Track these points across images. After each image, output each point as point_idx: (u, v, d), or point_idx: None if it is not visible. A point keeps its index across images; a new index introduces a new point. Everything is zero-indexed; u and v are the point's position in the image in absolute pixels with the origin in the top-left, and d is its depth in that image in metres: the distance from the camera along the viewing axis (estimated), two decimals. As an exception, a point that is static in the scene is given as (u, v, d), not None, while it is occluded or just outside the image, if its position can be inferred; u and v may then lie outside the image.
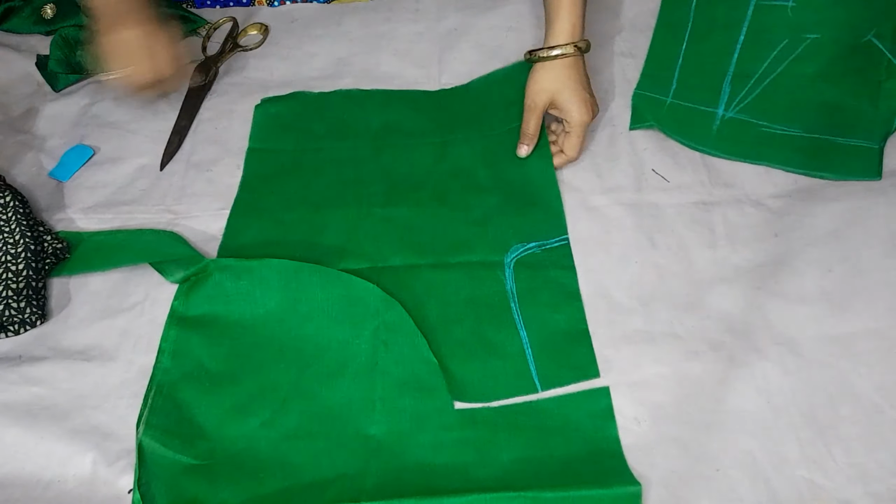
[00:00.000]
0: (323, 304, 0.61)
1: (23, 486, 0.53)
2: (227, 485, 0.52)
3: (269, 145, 0.74)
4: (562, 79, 0.68)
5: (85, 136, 0.76)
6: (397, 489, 0.51)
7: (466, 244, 0.65)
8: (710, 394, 0.55)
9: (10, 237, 0.62)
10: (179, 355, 0.59)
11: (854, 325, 0.58)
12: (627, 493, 0.50)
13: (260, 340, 0.60)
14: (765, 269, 0.62)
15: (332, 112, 0.77)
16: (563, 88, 0.68)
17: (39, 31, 0.84)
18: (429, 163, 0.71)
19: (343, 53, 0.83)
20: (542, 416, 0.55)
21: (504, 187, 0.69)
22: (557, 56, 0.68)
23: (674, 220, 0.66)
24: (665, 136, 0.72)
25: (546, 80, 0.68)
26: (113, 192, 0.71)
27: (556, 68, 0.68)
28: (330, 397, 0.57)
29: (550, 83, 0.68)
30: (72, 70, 0.80)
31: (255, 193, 0.70)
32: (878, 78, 0.70)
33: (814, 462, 0.52)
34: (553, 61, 0.68)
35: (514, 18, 0.84)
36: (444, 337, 0.59)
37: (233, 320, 0.61)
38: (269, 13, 0.88)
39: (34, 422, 0.55)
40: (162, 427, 0.55)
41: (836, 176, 0.67)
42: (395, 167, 0.71)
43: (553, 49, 0.68)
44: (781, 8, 0.71)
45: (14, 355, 0.60)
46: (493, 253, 0.64)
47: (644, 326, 0.59)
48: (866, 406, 0.54)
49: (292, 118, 0.76)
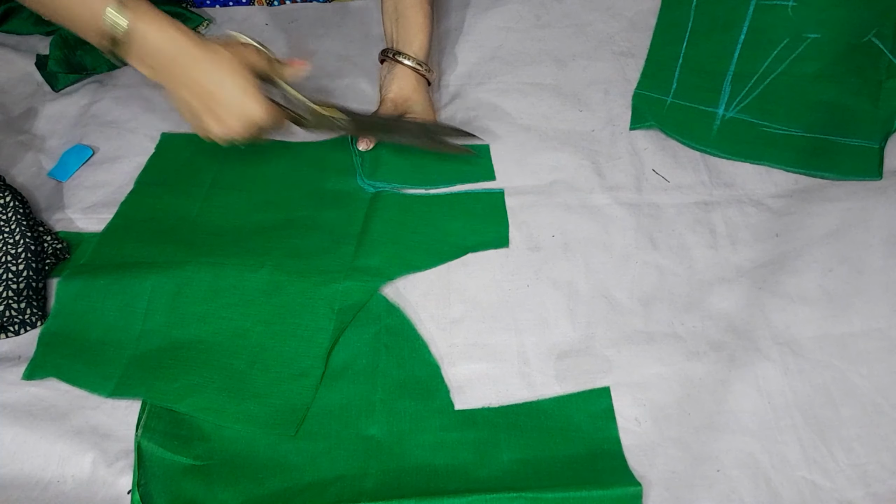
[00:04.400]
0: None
1: (22, 486, 0.53)
2: (227, 485, 0.52)
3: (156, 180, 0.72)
4: (413, 83, 0.73)
5: (84, 136, 0.76)
6: (397, 490, 0.51)
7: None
8: (711, 394, 0.55)
9: (10, 237, 0.62)
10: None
11: (855, 324, 0.58)
12: (628, 494, 0.49)
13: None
14: (765, 269, 0.62)
15: (228, 160, 0.72)
16: (414, 94, 0.73)
17: (39, 31, 0.84)
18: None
19: (343, 53, 0.83)
20: (543, 417, 0.55)
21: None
22: (412, 68, 0.72)
23: (674, 220, 0.66)
24: (665, 136, 0.72)
25: (403, 82, 0.72)
26: (112, 192, 0.71)
27: (408, 73, 0.72)
28: (330, 398, 0.57)
29: (406, 85, 0.72)
30: (71, 70, 0.80)
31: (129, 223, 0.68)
32: (879, 78, 0.69)
33: (815, 462, 0.52)
34: (406, 69, 0.72)
35: (513, 18, 0.84)
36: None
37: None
38: (269, 13, 0.88)
39: (34, 422, 0.55)
40: (161, 428, 0.55)
41: (836, 176, 0.67)
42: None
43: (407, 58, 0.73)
44: (782, 8, 0.71)
45: (14, 355, 0.60)
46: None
47: (645, 327, 0.59)
48: (867, 406, 0.54)
49: (186, 159, 0.73)
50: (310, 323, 0.59)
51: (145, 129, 0.76)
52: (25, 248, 0.62)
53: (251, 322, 0.59)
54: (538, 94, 0.77)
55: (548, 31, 0.83)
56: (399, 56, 0.73)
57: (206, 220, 0.67)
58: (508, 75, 0.79)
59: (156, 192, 0.70)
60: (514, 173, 0.70)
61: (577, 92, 0.77)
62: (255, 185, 0.71)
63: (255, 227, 0.67)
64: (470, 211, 0.68)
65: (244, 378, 0.57)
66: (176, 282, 0.61)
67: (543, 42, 0.82)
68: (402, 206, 0.68)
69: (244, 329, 0.59)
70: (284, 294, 0.60)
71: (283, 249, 0.64)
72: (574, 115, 0.75)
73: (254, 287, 0.61)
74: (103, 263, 0.64)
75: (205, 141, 0.62)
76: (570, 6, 0.85)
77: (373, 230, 0.66)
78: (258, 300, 0.60)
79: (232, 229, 0.66)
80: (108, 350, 0.59)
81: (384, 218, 0.67)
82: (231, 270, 0.61)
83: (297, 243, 0.64)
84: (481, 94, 0.77)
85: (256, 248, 0.64)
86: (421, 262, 0.64)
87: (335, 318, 0.59)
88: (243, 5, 0.88)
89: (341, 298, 0.60)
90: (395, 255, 0.64)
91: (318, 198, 0.69)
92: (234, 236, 0.65)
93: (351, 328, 0.60)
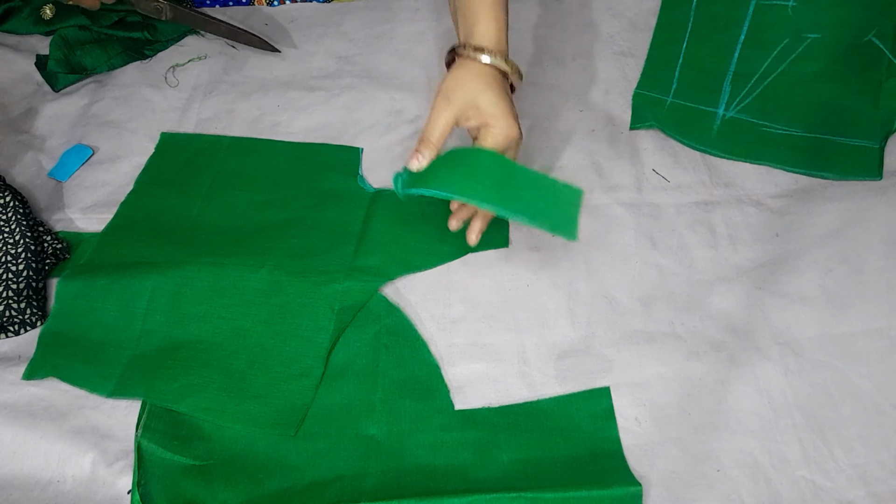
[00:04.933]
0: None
1: (22, 486, 0.53)
2: (226, 485, 0.52)
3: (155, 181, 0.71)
4: (487, 79, 0.55)
5: (84, 136, 0.76)
6: (397, 490, 0.51)
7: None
8: (711, 394, 0.55)
9: (10, 237, 0.62)
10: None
11: (855, 324, 0.58)
12: (628, 494, 0.49)
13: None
14: (765, 269, 0.62)
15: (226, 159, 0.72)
16: (488, 89, 0.55)
17: (39, 31, 0.84)
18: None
19: (343, 53, 0.83)
20: (543, 417, 0.55)
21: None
22: (486, 64, 0.56)
23: (674, 220, 0.66)
24: (665, 136, 0.72)
25: (467, 78, 0.55)
26: (112, 192, 0.71)
27: (480, 70, 0.56)
28: (330, 398, 0.57)
29: (473, 81, 0.55)
30: (71, 70, 0.80)
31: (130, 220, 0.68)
32: (879, 77, 0.69)
33: (815, 462, 0.52)
34: (477, 64, 0.56)
35: (513, 18, 0.84)
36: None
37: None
38: (269, 13, 0.88)
39: (33, 422, 0.55)
40: (161, 428, 0.55)
41: (836, 176, 0.67)
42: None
43: (481, 53, 0.55)
44: (782, 7, 0.71)
45: (14, 355, 0.60)
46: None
47: (645, 327, 0.59)
48: (867, 406, 0.54)
49: (185, 159, 0.73)
50: (310, 323, 0.59)
51: (145, 129, 0.76)
52: (25, 248, 0.62)
53: (251, 322, 0.59)
54: (538, 94, 0.77)
55: (548, 30, 0.83)
56: (461, 49, 0.57)
57: (205, 219, 0.67)
58: (508, 75, 0.79)
59: (156, 193, 0.70)
60: (514, 173, 0.70)
61: (578, 92, 0.77)
62: (255, 184, 0.70)
63: (254, 226, 0.67)
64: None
65: (244, 378, 0.57)
66: (176, 282, 0.61)
67: (543, 41, 0.82)
68: (402, 205, 0.68)
69: (244, 329, 0.59)
70: (284, 294, 0.60)
71: (283, 249, 0.64)
72: (574, 114, 0.75)
73: (254, 287, 0.61)
74: (103, 263, 0.64)
75: (205, 141, 0.62)
76: (571, 6, 0.85)
77: (373, 230, 0.66)
78: (258, 300, 0.60)
79: (232, 229, 0.66)
80: (107, 350, 0.59)
81: (384, 218, 0.67)
82: (231, 270, 0.61)
83: (296, 243, 0.64)
84: (481, 93, 0.77)
85: (256, 247, 0.64)
86: (421, 262, 0.64)
87: (335, 318, 0.59)
88: (243, 5, 0.88)
89: (341, 298, 0.60)
90: (395, 255, 0.64)
91: (317, 198, 0.69)
92: (234, 236, 0.65)
93: (351, 328, 0.60)
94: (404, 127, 0.75)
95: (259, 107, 0.78)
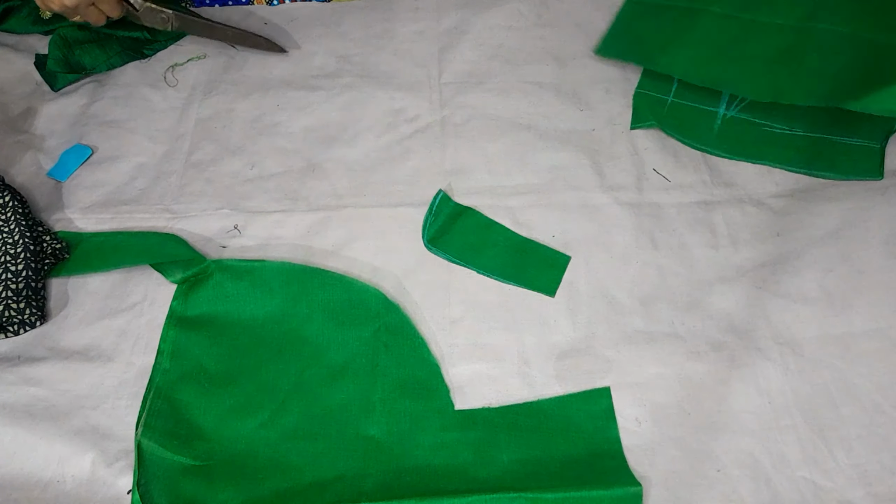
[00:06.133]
0: (323, 305, 0.61)
1: (22, 486, 0.53)
2: (226, 486, 0.52)
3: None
4: None
5: (83, 136, 0.76)
6: (397, 490, 0.51)
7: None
8: (711, 394, 0.55)
9: (9, 237, 0.62)
10: (178, 356, 0.59)
11: (855, 324, 0.58)
12: (628, 494, 0.49)
13: (259, 341, 0.60)
14: (766, 269, 0.62)
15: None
16: None
17: (38, 30, 0.84)
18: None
19: (342, 52, 0.83)
20: (543, 417, 0.55)
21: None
22: None
23: (675, 219, 0.66)
24: (666, 136, 0.72)
25: None
26: (111, 192, 0.71)
27: None
28: (329, 398, 0.57)
29: None
30: (70, 69, 0.79)
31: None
32: (880, 77, 0.69)
33: (815, 463, 0.52)
34: None
35: (514, 17, 0.84)
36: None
37: (232, 321, 0.61)
38: (268, 12, 0.88)
39: (33, 422, 0.55)
40: (161, 428, 0.55)
41: (837, 175, 0.67)
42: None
43: None
44: (782, 7, 0.70)
45: (13, 356, 0.60)
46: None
47: (645, 326, 0.59)
48: (867, 406, 0.54)
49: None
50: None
51: (144, 129, 0.76)
52: (24, 248, 0.62)
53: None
54: (538, 93, 0.77)
55: (549, 29, 0.83)
56: None
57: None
58: (509, 74, 0.79)
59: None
60: (514, 172, 0.70)
61: (578, 91, 0.77)
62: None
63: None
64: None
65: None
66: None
67: (544, 41, 0.82)
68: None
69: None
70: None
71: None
72: (574, 114, 0.75)
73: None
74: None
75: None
76: (572, 5, 0.85)
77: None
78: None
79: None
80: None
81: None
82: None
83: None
84: (481, 92, 0.77)
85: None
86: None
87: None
88: (243, 5, 0.88)
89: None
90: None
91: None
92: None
93: (350, 326, 0.60)
94: (404, 127, 0.75)
95: (259, 106, 0.78)
